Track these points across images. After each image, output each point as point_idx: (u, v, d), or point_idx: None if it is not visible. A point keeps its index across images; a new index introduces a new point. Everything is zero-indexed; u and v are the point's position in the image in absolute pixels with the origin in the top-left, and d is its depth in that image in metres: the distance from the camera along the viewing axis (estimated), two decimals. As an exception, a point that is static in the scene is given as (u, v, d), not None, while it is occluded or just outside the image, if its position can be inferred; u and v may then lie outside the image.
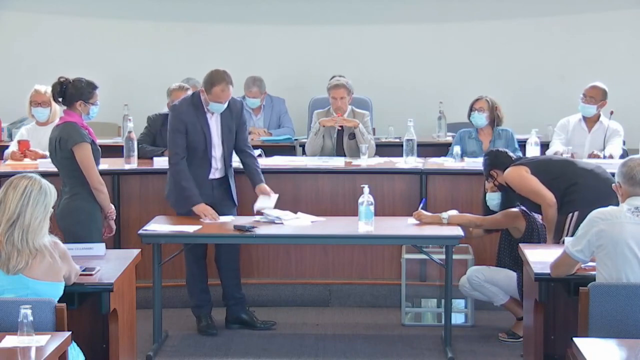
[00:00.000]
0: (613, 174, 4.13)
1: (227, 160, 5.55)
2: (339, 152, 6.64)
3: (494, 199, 5.44)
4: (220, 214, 5.41)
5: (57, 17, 8.53)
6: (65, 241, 4.61)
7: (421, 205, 5.42)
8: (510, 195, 5.38)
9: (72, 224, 4.94)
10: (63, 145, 4.97)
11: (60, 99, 5.03)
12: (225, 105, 5.42)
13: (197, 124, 5.42)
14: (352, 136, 6.64)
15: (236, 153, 5.63)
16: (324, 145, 6.67)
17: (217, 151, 5.52)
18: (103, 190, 5.00)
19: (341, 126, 6.63)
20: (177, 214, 5.50)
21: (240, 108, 5.59)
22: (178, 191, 5.44)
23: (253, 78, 7.69)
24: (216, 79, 5.37)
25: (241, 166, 5.69)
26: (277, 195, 5.50)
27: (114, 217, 5.14)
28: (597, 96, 6.60)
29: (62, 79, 5.01)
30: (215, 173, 5.53)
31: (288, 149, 7.31)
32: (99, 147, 5.11)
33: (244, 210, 5.64)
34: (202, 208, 5.34)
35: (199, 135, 5.43)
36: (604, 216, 3.91)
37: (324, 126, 6.58)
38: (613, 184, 4.03)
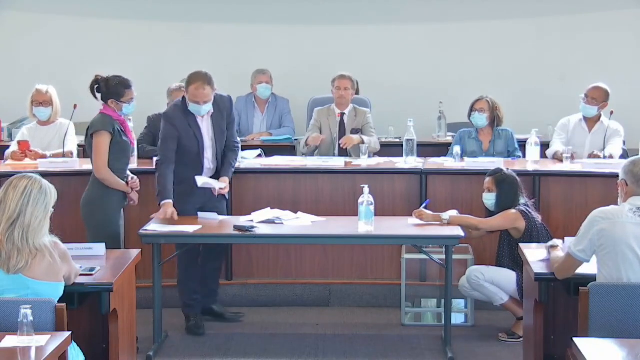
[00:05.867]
0: (614, 175, 4.11)
1: (218, 158, 5.57)
2: (341, 150, 6.66)
3: (489, 199, 5.45)
4: (213, 210, 5.42)
5: (57, 17, 8.54)
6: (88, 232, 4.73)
7: (423, 205, 5.42)
8: (505, 196, 5.39)
9: (87, 214, 5.19)
10: (89, 132, 5.19)
11: (99, 95, 5.21)
12: (205, 107, 5.42)
13: (189, 129, 5.45)
14: (356, 131, 6.67)
15: None
16: (324, 141, 6.71)
17: (209, 152, 5.54)
18: (106, 179, 5.15)
19: (342, 124, 6.67)
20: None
21: (229, 105, 5.60)
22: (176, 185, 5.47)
23: (262, 69, 7.77)
24: (192, 78, 5.40)
25: (239, 166, 5.74)
26: (224, 185, 5.49)
27: (137, 188, 5.33)
28: (599, 97, 6.59)
29: (97, 77, 5.19)
30: (207, 173, 5.54)
31: (288, 149, 7.32)
32: (130, 141, 5.27)
33: (242, 211, 5.64)
34: (166, 206, 5.30)
35: (191, 140, 5.46)
36: (605, 215, 3.90)
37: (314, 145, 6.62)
38: (620, 180, 4.01)
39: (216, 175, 5.57)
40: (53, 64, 8.31)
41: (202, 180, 5.43)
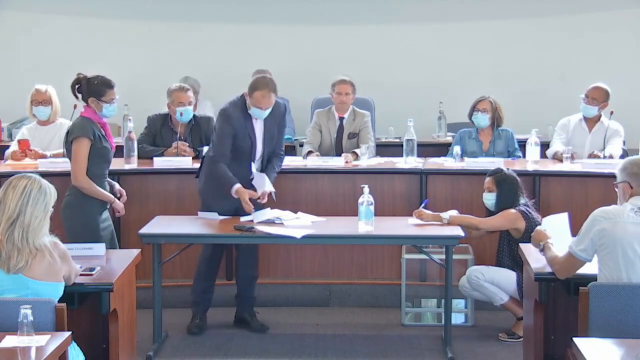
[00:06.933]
0: (614, 175, 4.11)
1: (264, 162, 5.57)
2: (339, 151, 6.66)
3: (489, 199, 5.45)
4: (256, 209, 5.40)
5: (57, 17, 8.54)
6: (66, 237, 4.66)
7: (423, 205, 5.42)
8: (506, 196, 5.39)
9: (65, 218, 5.00)
10: (68, 137, 5.05)
11: (78, 95, 5.10)
12: (266, 112, 5.43)
13: (245, 129, 5.45)
14: (353, 135, 6.67)
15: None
16: (323, 143, 6.70)
17: (257, 154, 5.54)
18: (83, 187, 5.01)
19: (341, 127, 6.67)
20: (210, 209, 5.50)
21: (283, 111, 5.59)
22: (217, 184, 5.44)
23: (261, 69, 7.78)
24: (259, 84, 5.41)
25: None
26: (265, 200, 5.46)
27: (121, 198, 5.23)
28: (599, 98, 6.59)
29: (79, 76, 5.09)
30: (251, 174, 5.51)
31: (288, 149, 7.31)
32: (110, 146, 5.12)
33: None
34: (240, 191, 5.31)
35: (245, 141, 5.46)
36: (606, 215, 3.90)
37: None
38: (621, 183, 3.99)
39: None
40: (53, 63, 8.30)
41: (257, 176, 5.40)
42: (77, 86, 5.07)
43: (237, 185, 5.34)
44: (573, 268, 4.04)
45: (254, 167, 5.49)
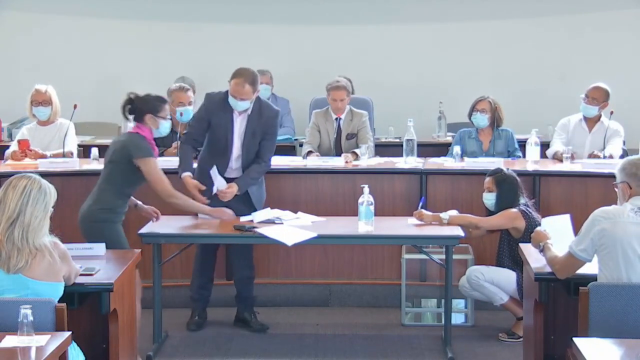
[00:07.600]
0: (614, 175, 4.11)
1: (244, 162, 5.50)
2: (338, 151, 6.66)
3: (489, 199, 5.45)
4: (237, 214, 5.39)
5: (57, 17, 8.55)
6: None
7: (420, 204, 5.42)
8: (506, 196, 5.39)
9: (87, 230, 4.95)
10: (125, 152, 4.99)
11: (131, 116, 5.06)
12: (242, 104, 5.39)
13: (222, 118, 5.44)
14: (351, 136, 6.67)
15: None
16: (322, 143, 6.70)
17: (236, 151, 5.49)
18: (179, 203, 5.12)
19: (339, 128, 6.67)
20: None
21: (273, 116, 5.52)
22: (202, 180, 5.45)
23: (261, 70, 7.77)
24: (237, 72, 5.43)
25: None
26: (225, 189, 5.41)
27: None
28: (599, 97, 6.59)
29: (131, 95, 5.06)
30: (231, 173, 5.49)
31: (288, 149, 7.32)
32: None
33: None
34: (186, 180, 5.35)
35: (220, 131, 5.45)
36: (607, 215, 3.90)
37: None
38: (620, 183, 3.99)
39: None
40: (53, 63, 8.32)
41: (215, 173, 5.38)
42: (128, 106, 5.04)
43: (186, 174, 5.38)
44: (573, 268, 4.05)
45: (214, 171, 5.40)
